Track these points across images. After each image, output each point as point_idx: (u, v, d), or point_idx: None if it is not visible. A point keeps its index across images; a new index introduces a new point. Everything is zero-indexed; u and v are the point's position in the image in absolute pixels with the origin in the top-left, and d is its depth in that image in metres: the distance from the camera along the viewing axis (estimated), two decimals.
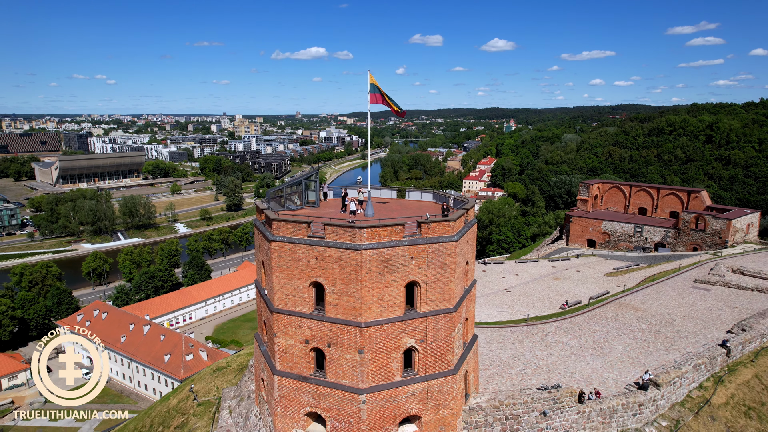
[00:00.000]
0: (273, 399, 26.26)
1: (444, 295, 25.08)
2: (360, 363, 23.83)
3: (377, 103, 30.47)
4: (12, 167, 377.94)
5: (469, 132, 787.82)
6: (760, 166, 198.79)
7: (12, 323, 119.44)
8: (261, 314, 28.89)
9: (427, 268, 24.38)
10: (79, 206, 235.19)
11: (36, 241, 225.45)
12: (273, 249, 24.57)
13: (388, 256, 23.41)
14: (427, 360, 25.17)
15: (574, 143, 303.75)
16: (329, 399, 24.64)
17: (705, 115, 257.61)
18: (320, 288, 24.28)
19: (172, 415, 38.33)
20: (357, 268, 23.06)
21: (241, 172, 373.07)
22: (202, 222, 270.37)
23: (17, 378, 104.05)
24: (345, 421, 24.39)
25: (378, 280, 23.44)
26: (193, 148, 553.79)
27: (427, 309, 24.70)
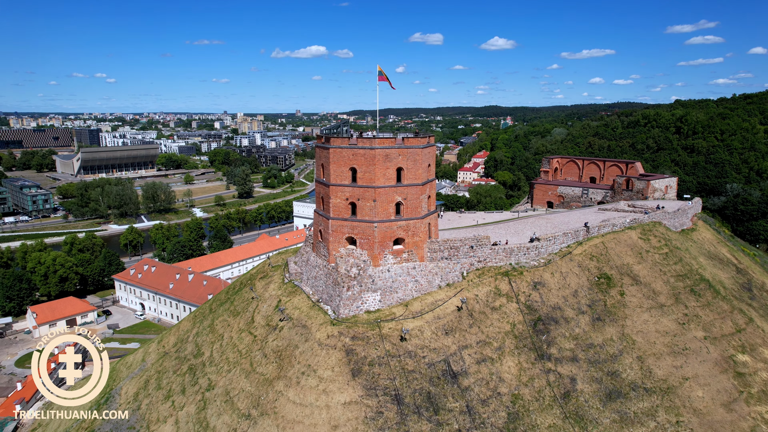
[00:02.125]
0: (328, 234, 49.98)
1: (416, 176, 48.87)
2: (374, 208, 47.56)
3: (383, 81, 54.06)
4: (34, 160, 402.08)
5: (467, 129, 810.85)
6: (719, 154, 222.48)
7: (76, 277, 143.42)
8: (319, 193, 52.58)
9: (407, 161, 48.10)
10: (107, 191, 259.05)
11: (70, 222, 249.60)
12: (330, 152, 48.31)
13: (388, 153, 47.15)
14: (407, 210, 48.91)
15: (560, 136, 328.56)
16: (358, 228, 48.33)
17: (678, 109, 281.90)
18: (354, 170, 48.00)
19: (255, 276, 62.12)
20: (372, 159, 46.79)
21: (249, 164, 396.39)
22: (216, 207, 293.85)
23: (87, 317, 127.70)
24: (366, 239, 48.11)
25: (382, 165, 47.15)
26: (200, 143, 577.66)
27: (407, 182, 48.39)
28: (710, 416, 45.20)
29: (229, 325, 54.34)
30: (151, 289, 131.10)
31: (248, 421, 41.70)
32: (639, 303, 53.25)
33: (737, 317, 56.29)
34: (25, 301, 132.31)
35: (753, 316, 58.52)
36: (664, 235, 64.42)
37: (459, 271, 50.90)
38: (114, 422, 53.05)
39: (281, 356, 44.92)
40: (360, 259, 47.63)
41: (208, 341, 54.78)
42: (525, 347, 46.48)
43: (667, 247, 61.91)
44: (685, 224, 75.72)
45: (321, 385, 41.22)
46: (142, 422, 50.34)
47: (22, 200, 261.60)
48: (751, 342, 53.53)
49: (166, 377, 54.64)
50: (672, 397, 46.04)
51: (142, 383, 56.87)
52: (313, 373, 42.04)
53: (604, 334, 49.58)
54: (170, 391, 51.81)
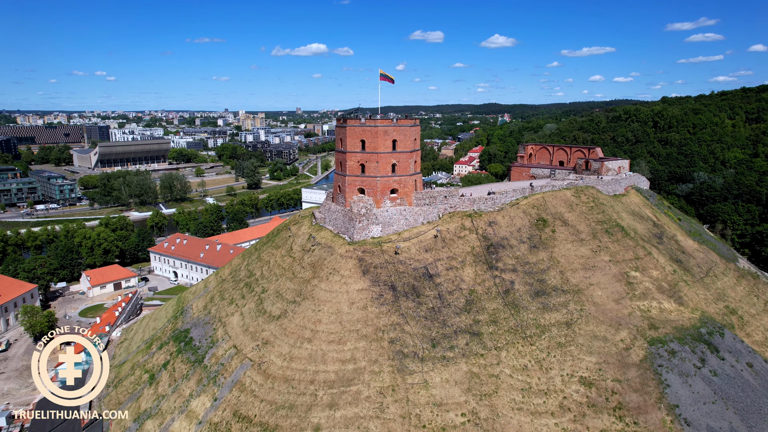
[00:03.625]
0: (345, 186, 71.49)
1: (405, 146, 70.44)
2: (377, 167, 69.12)
3: (384, 81, 75.45)
4: (52, 154, 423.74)
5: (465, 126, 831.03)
6: (690, 146, 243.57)
7: (117, 250, 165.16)
8: (338, 159, 74.03)
9: (399, 135, 69.63)
10: (128, 182, 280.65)
11: (95, 209, 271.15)
12: (347, 129, 69.82)
13: (386, 129, 68.67)
14: (400, 169, 70.44)
15: (549, 131, 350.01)
16: (366, 182, 69.89)
17: (657, 105, 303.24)
18: (363, 141, 69.52)
19: (288, 223, 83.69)
20: (376, 133, 68.36)
21: (256, 158, 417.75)
22: (228, 197, 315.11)
23: (130, 281, 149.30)
24: (371, 189, 69.69)
25: (383, 137, 68.68)
26: (206, 139, 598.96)
27: (399, 150, 69.96)
28: (604, 306, 66.88)
29: (273, 254, 76.06)
30: (184, 258, 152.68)
31: (294, 305, 63.39)
32: (565, 237, 74.95)
33: (639, 251, 77.98)
34: (75, 270, 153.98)
35: (653, 252, 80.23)
36: (594, 195, 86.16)
37: (436, 213, 72.64)
38: (192, 322, 74.78)
39: (314, 266, 66.63)
40: (367, 203, 69.28)
41: (258, 266, 76.49)
42: (480, 262, 68.19)
43: (593, 202, 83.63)
44: (618, 191, 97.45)
45: (342, 280, 62.92)
46: (214, 320, 72.01)
47: (50, 190, 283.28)
48: (644, 265, 75.22)
49: (228, 292, 76.39)
50: (580, 295, 67.69)
51: (209, 299, 78.63)
52: (337, 273, 63.75)
53: (537, 257, 71.26)
54: (233, 299, 73.54)
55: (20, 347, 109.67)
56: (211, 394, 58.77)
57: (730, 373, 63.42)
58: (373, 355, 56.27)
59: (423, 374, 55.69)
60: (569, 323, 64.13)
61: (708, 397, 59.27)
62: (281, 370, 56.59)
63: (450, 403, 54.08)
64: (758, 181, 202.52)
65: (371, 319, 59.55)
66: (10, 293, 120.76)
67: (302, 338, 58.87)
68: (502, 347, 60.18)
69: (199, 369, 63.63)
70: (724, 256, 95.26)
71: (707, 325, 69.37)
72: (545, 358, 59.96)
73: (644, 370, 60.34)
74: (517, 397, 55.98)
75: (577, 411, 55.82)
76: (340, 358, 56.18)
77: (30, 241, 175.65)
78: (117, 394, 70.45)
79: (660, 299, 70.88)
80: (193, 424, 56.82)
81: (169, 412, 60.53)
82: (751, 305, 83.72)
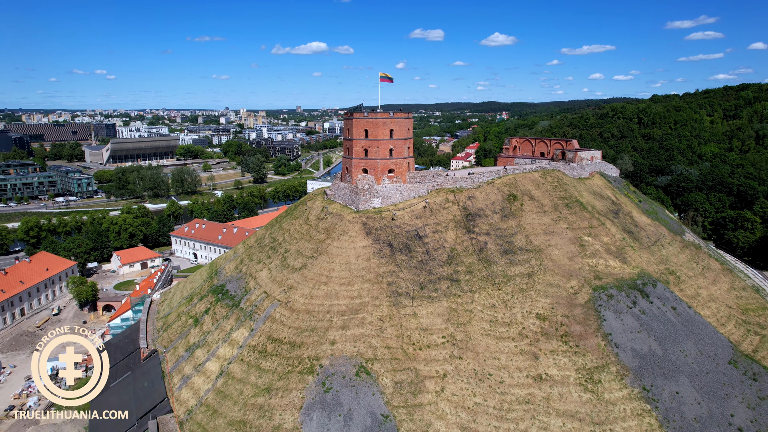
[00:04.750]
0: (352, 167, 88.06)
1: (400, 134, 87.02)
2: (377, 151, 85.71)
3: (384, 82, 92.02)
4: (65, 151, 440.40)
5: (463, 123, 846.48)
6: (670, 141, 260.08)
7: (141, 234, 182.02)
8: (346, 146, 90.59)
9: (395, 125, 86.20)
10: (142, 175, 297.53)
11: (112, 201, 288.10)
12: (353, 121, 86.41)
13: (385, 121, 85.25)
14: (396, 153, 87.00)
15: (541, 127, 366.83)
16: (369, 163, 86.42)
17: (642, 103, 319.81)
18: (366, 131, 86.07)
19: (304, 200, 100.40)
20: (376, 124, 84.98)
21: (261, 154, 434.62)
22: (235, 190, 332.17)
23: (155, 261, 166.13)
24: (373, 169, 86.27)
25: (382, 128, 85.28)
26: (211, 136, 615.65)
27: (395, 138, 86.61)
28: (559, 262, 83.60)
29: (292, 223, 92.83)
30: (203, 240, 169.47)
31: (312, 259, 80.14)
32: (531, 209, 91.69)
33: (594, 222, 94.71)
34: (105, 252, 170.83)
35: (607, 223, 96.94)
36: (559, 177, 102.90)
37: (425, 189, 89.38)
38: (226, 279, 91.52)
39: (327, 230, 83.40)
40: (369, 181, 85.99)
41: (280, 234, 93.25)
42: (460, 227, 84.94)
43: (558, 182, 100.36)
44: (582, 174, 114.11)
45: (350, 239, 79.66)
46: (246, 276, 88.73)
47: (68, 183, 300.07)
48: (596, 233, 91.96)
49: (255, 255, 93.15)
50: (540, 253, 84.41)
51: (239, 261, 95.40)
52: (346, 234, 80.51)
53: (507, 224, 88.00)
54: (260, 259, 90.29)
55: (69, 312, 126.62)
56: (248, 327, 75.56)
57: (655, 312, 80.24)
58: (374, 293, 73.07)
59: (413, 308, 72.49)
60: (530, 274, 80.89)
61: (635, 328, 76.06)
62: (304, 306, 73.39)
63: (433, 329, 70.87)
64: (730, 173, 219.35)
65: (373, 267, 76.33)
66: (56, 268, 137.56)
67: (319, 282, 75.67)
68: (475, 291, 76.95)
69: (237, 311, 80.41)
70: (673, 230, 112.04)
71: (643, 278, 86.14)
72: (509, 300, 76.74)
73: (587, 308, 77.12)
74: (486, 327, 72.75)
75: (533, 337, 72.58)
76: (349, 295, 72.97)
77: (60, 228, 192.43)
78: (168, 335, 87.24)
79: (607, 258, 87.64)
80: (235, 348, 73.60)
81: (214, 342, 77.31)
82: (690, 269, 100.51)
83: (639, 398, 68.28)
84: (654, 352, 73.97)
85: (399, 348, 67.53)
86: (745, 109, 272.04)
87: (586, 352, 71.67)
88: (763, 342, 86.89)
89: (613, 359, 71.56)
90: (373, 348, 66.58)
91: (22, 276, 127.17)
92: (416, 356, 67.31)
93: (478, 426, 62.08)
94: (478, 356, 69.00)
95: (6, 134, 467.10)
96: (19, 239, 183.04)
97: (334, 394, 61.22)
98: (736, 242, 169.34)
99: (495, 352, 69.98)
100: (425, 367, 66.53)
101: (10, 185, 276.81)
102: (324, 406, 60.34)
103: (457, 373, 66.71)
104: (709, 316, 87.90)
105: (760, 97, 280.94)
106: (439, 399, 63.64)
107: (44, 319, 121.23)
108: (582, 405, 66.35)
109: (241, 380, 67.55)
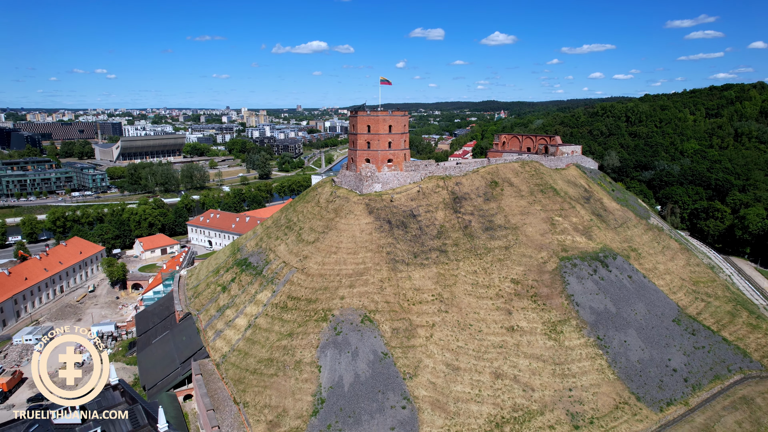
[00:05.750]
0: (356, 157, 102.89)
1: (398, 129, 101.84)
2: (378, 144, 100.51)
3: (384, 84, 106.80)
4: (75, 148, 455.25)
5: (462, 122, 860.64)
6: (654, 138, 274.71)
7: (159, 224, 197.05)
8: (351, 139, 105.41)
9: (393, 122, 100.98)
10: (154, 171, 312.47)
11: (125, 196, 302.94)
12: (358, 118, 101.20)
13: (384, 118, 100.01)
14: (394, 145, 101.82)
15: (535, 125, 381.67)
16: (371, 154, 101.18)
17: (630, 102, 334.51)
18: (368, 126, 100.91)
19: (315, 187, 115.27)
20: (377, 121, 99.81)
21: (265, 152, 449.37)
22: (242, 185, 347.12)
23: (174, 248, 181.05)
24: (375, 159, 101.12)
25: (382, 124, 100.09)
26: (215, 134, 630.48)
27: (393, 132, 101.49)
28: (533, 237, 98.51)
29: (305, 206, 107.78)
30: (217, 228, 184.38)
31: (323, 234, 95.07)
32: (510, 194, 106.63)
33: (565, 205, 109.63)
34: (127, 239, 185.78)
35: (577, 207, 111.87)
36: (537, 167, 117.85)
37: (419, 177, 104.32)
38: (248, 254, 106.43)
39: (336, 210, 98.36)
40: (371, 169, 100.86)
41: (294, 215, 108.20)
42: (448, 208, 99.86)
43: (535, 171, 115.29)
44: (559, 165, 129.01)
45: (355, 217, 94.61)
46: (266, 250, 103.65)
47: (83, 179, 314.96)
48: (566, 214, 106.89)
49: (273, 233, 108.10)
50: (516, 230, 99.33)
51: (258, 239, 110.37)
52: (352, 213, 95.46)
53: (489, 206, 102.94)
54: (278, 236, 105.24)
55: (102, 289, 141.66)
56: (270, 289, 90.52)
57: (613, 279, 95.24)
58: (375, 261, 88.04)
59: (408, 272, 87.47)
60: (507, 247, 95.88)
61: (594, 291, 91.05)
62: (317, 271, 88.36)
63: (424, 289, 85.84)
64: (709, 168, 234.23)
65: (374, 240, 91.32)
66: (88, 252, 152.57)
67: (330, 252, 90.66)
68: (460, 260, 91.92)
69: (260, 278, 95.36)
70: (639, 215, 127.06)
71: (605, 252, 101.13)
72: (489, 267, 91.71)
73: (554, 275, 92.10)
74: (468, 288, 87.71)
75: (507, 297, 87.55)
76: (355, 262, 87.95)
77: (83, 218, 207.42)
78: (199, 301, 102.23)
79: (574, 235, 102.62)
80: (260, 306, 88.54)
81: (242, 303, 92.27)
82: (651, 248, 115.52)
83: (593, 345, 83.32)
84: (609, 310, 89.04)
85: (396, 303, 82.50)
86: (726, 108, 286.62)
87: (552, 309, 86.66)
88: (707, 307, 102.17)
89: (573, 315, 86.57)
90: (374, 302, 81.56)
91: (60, 258, 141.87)
92: (410, 309, 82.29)
93: (460, 363, 77.06)
94: (461, 311, 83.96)
95: (18, 133, 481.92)
96: (47, 228, 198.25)
97: (344, 336, 76.22)
98: (707, 230, 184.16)
99: (475, 308, 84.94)
100: (417, 318, 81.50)
101: (29, 180, 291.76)
102: (336, 345, 75.35)
103: (443, 323, 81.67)
104: (663, 285, 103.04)
105: (742, 96, 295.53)
106: (428, 342, 78.62)
107: (82, 294, 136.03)
108: (546, 350, 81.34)
109: (266, 329, 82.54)
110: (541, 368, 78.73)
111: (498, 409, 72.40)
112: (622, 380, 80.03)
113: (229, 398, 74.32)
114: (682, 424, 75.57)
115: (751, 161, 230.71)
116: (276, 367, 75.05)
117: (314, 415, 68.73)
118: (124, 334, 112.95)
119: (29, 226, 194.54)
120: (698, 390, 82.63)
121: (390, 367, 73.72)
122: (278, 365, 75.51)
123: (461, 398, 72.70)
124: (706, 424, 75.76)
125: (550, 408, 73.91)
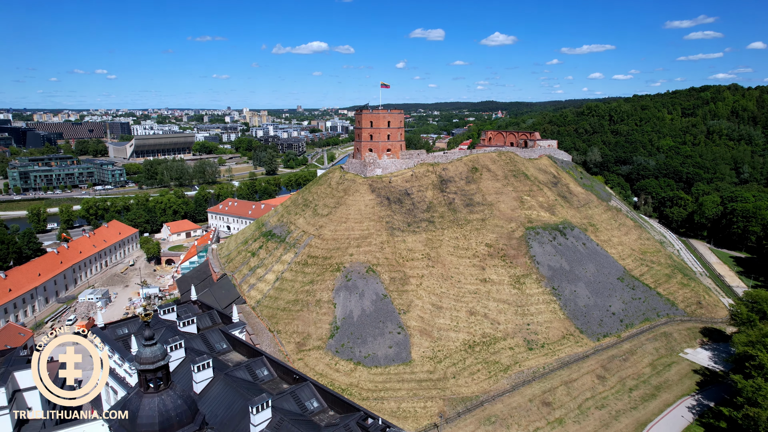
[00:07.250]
0: (361, 148, 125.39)
1: (395, 124, 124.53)
2: (379, 136, 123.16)
3: (384, 88, 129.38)
4: (89, 146, 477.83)
5: (460, 122, 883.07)
6: (634, 135, 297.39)
7: (182, 211, 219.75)
8: (356, 133, 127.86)
9: (392, 118, 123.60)
10: (169, 167, 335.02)
11: (143, 190, 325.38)
12: (362, 115, 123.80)
13: (384, 115, 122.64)
14: (391, 136, 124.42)
15: (526, 125, 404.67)
16: (373, 145, 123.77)
17: (614, 102, 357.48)
18: (371, 122, 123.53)
19: (327, 172, 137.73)
20: (378, 117, 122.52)
21: (271, 149, 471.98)
22: (251, 180, 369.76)
23: (197, 232, 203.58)
24: (376, 149, 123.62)
25: (382, 120, 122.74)
26: (221, 133, 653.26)
27: (391, 126, 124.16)
28: (505, 212, 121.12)
29: (318, 188, 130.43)
30: (236, 215, 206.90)
31: (334, 209, 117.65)
32: (488, 178, 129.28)
33: (533, 188, 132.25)
34: (154, 225, 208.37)
35: (544, 189, 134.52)
36: (511, 156, 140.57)
37: (413, 163, 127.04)
38: (272, 227, 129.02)
39: (345, 189, 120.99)
40: (373, 157, 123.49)
41: (309, 195, 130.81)
42: (436, 188, 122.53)
43: (510, 160, 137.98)
44: (532, 156, 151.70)
45: (361, 195, 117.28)
46: (287, 223, 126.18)
47: (103, 174, 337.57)
48: (534, 194, 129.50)
49: (292, 210, 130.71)
50: (491, 206, 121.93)
51: (280, 215, 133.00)
52: (358, 192, 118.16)
53: (470, 187, 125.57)
54: (297, 212, 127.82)
55: (140, 263, 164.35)
56: (293, 252, 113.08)
57: (569, 245, 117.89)
58: (377, 228, 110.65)
59: (402, 237, 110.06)
60: (483, 219, 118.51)
61: (552, 253, 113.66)
62: (331, 236, 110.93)
63: (416, 250, 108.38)
64: (681, 163, 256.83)
65: (376, 213, 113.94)
66: (126, 233, 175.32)
67: (340, 222, 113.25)
68: (445, 228, 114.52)
69: (283, 244, 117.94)
70: (601, 198, 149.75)
71: (564, 224, 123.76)
72: (468, 234, 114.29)
73: (520, 240, 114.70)
74: (451, 250, 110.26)
75: (482, 257, 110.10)
76: (360, 229, 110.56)
77: (112, 208, 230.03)
78: (232, 264, 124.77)
79: (540, 211, 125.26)
80: (285, 265, 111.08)
81: (270, 264, 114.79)
82: (608, 224, 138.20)
83: (549, 293, 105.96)
84: (563, 267, 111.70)
85: (393, 259, 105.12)
86: (701, 108, 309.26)
87: (517, 266, 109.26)
88: (649, 270, 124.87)
89: (534, 271, 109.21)
90: (376, 258, 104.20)
91: (104, 237, 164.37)
92: (404, 264, 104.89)
93: (443, 304, 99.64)
94: (445, 266, 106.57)
95: (34, 132, 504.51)
96: (81, 216, 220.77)
97: (353, 282, 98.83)
98: (672, 216, 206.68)
99: (456, 264, 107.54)
100: (410, 271, 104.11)
101: (54, 175, 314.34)
102: (347, 288, 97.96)
103: (430, 275, 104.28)
104: (614, 253, 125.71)
105: (716, 97, 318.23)
106: (418, 288, 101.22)
107: (124, 267, 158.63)
108: (511, 296, 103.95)
109: (292, 280, 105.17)
110: (506, 309, 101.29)
111: (471, 336, 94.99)
112: (570, 319, 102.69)
113: (265, 329, 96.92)
114: (612, 349, 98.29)
115: (719, 156, 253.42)
116: (301, 305, 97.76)
117: (331, 337, 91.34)
118: (168, 295, 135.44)
119: (66, 214, 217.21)
120: (630, 327, 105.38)
121: (388, 305, 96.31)
122: (303, 303, 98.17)
123: (443, 328, 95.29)
124: (631, 349, 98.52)
125: (511, 336, 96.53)
